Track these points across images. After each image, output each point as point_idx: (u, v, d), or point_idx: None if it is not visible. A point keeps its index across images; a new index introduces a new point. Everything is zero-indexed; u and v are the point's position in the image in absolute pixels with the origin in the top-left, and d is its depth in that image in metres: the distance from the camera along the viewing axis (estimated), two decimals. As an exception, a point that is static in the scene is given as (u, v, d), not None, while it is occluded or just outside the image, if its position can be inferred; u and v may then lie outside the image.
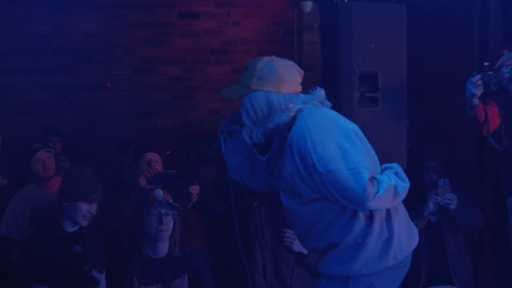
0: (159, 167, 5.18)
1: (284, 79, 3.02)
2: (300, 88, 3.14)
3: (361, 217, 2.96)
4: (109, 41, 7.45)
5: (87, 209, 4.21)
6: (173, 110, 7.53)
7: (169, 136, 7.37)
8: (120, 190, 5.06)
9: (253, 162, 3.34)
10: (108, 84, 7.47)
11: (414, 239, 3.12)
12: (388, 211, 3.00)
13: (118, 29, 7.45)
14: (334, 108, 4.80)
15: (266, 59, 3.10)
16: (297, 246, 4.48)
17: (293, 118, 3.01)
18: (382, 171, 3.07)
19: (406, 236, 3.06)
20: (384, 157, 4.70)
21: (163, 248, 3.89)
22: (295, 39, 6.95)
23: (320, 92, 3.17)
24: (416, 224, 5.28)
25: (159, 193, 3.92)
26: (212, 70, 7.51)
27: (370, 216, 2.96)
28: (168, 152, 6.85)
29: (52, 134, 6.52)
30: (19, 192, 5.32)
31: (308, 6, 6.76)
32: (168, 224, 3.85)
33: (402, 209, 3.11)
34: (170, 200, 3.91)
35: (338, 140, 2.90)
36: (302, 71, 3.15)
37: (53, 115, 7.36)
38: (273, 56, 3.13)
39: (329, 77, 5.08)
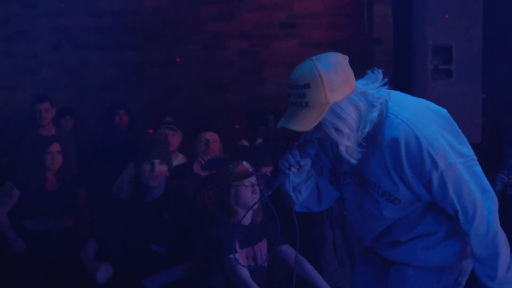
0: (217, 147, 5.19)
1: (350, 76, 2.59)
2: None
3: None
4: (178, 17, 7.50)
5: (148, 169, 4.33)
6: (242, 85, 7.54)
7: (238, 111, 7.40)
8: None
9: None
10: (178, 60, 7.53)
11: None
12: None
13: (187, 5, 7.48)
14: (407, 81, 4.78)
15: (315, 63, 2.57)
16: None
17: (380, 113, 2.62)
18: None
19: None
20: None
21: (249, 215, 4.04)
22: (365, 11, 6.85)
23: (379, 72, 2.69)
24: None
25: (247, 164, 4.07)
26: (281, 44, 7.48)
27: None
28: (237, 126, 6.89)
29: (119, 107, 6.62)
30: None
31: (378, -22, 6.65)
32: (258, 193, 3.97)
33: None
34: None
35: (443, 131, 2.60)
36: (346, 56, 2.66)
37: (124, 91, 7.47)
38: (313, 57, 2.62)
39: (401, 50, 5.01)
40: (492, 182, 5.04)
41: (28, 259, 5.23)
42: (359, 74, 2.68)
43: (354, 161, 2.62)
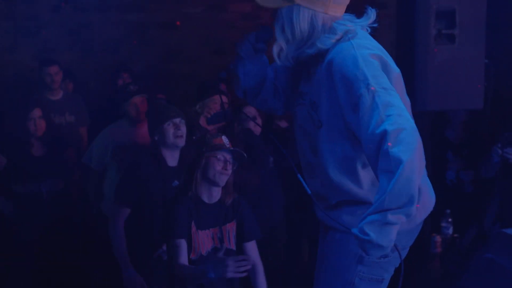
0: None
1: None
2: (342, 9, 2.63)
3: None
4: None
5: (173, 129, 4.34)
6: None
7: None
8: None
9: (273, 85, 2.92)
10: (178, 23, 7.47)
11: (433, 197, 2.74)
12: None
13: (189, -34, 7.42)
14: (410, 46, 4.73)
15: None
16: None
17: (337, 42, 2.54)
18: None
19: (426, 196, 2.66)
20: (460, 96, 4.62)
21: (217, 193, 3.91)
22: (369, -25, 6.77)
23: (373, 14, 2.65)
24: (485, 171, 5.24)
25: (226, 140, 3.94)
26: (283, 6, 7.40)
27: None
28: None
29: (123, 70, 6.59)
30: (110, 125, 5.44)
31: None
32: (230, 171, 3.88)
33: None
34: (235, 149, 3.93)
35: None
36: None
37: (126, 52, 7.44)
38: None
39: (404, 14, 4.95)
40: (488, 155, 5.07)
41: (20, 223, 5.25)
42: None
43: (279, 63, 2.61)
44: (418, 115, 4.67)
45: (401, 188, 2.31)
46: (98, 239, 4.87)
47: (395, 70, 2.55)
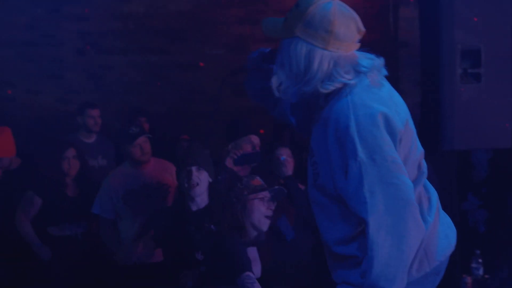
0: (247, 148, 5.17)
1: (337, 35, 2.39)
2: (354, 47, 2.47)
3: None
4: (202, 20, 7.48)
5: (186, 178, 4.30)
6: (266, 88, 7.49)
7: (263, 115, 7.35)
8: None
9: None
10: (201, 64, 7.51)
11: (448, 246, 2.59)
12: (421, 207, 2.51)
13: (211, 8, 7.47)
14: (435, 85, 4.72)
15: (323, 2, 2.42)
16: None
17: (338, 90, 2.43)
18: None
19: (437, 244, 2.54)
20: (487, 135, 4.59)
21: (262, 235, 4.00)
22: (391, 14, 6.79)
23: (380, 61, 2.49)
24: None
25: (261, 180, 3.97)
26: (306, 47, 7.42)
27: None
28: (262, 131, 6.85)
29: (140, 115, 6.60)
30: (113, 171, 5.43)
31: (404, -20, 6.59)
32: (272, 212, 3.93)
33: (433, 204, 2.57)
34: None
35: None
36: (363, 29, 2.47)
37: (148, 94, 7.47)
38: (334, 1, 2.45)
39: (428, 54, 4.95)
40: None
41: (56, 266, 5.23)
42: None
43: (277, 95, 2.47)
44: (444, 155, 4.66)
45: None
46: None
47: (399, 125, 2.40)
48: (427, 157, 2.60)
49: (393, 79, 2.64)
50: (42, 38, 7.63)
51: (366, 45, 2.65)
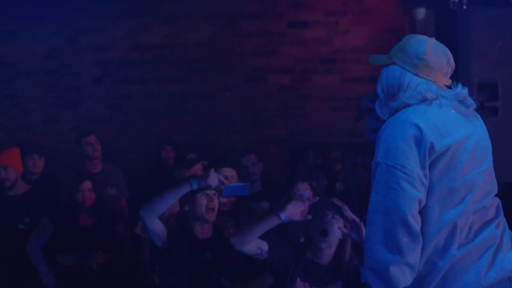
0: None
1: (427, 63, 2.78)
2: (446, 81, 2.86)
3: None
4: (220, 51, 7.53)
5: (205, 202, 4.28)
6: (283, 119, 7.51)
7: (279, 145, 7.36)
8: None
9: None
10: (228, 94, 7.53)
11: (476, 280, 2.68)
12: (439, 239, 2.68)
13: (228, 39, 7.52)
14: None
15: (421, 37, 2.86)
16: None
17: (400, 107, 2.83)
18: None
19: (462, 275, 2.67)
20: (505, 170, 4.53)
21: (327, 254, 3.99)
22: (408, 47, 6.78)
23: (461, 90, 2.85)
24: None
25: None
26: (322, 79, 7.45)
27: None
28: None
29: (167, 143, 6.62)
30: None
31: (421, 13, 6.59)
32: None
33: (475, 235, 2.72)
34: None
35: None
36: (453, 63, 2.87)
37: (166, 124, 7.50)
38: (433, 38, 2.89)
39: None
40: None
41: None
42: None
43: (382, 117, 2.85)
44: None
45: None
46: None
47: (436, 144, 2.66)
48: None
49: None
50: (60, 67, 7.70)
51: None
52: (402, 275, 2.62)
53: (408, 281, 2.64)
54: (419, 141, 2.65)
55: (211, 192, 4.31)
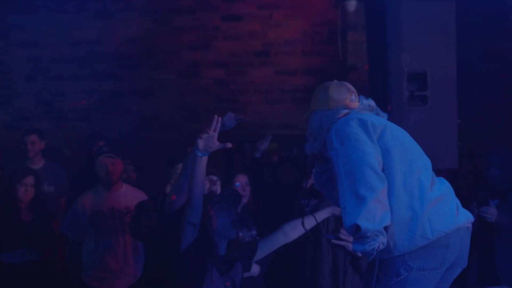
0: None
1: (332, 96, 3.39)
2: (353, 104, 3.41)
3: None
4: (153, 46, 7.49)
5: (208, 186, 4.25)
6: (218, 113, 7.48)
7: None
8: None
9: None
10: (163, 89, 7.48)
11: (452, 221, 3.19)
12: (412, 191, 3.15)
13: (162, 34, 7.49)
14: (383, 107, 4.80)
15: (326, 83, 3.47)
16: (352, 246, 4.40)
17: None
18: None
19: (440, 216, 3.14)
20: (435, 156, 4.66)
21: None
22: (339, 39, 6.90)
23: (367, 102, 3.45)
24: None
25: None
26: (256, 72, 7.49)
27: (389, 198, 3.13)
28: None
29: (99, 139, 6.56)
30: (84, 193, 5.40)
31: (352, 5, 6.71)
32: None
33: (437, 188, 3.23)
34: None
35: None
36: (352, 89, 3.47)
37: (100, 120, 7.43)
38: (335, 81, 3.49)
39: (376, 77, 5.04)
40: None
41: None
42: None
43: (309, 155, 3.51)
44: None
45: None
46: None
47: (376, 124, 3.24)
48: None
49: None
50: (-10, 64, 7.55)
51: (317, 69, 2.99)
52: (378, 208, 3.03)
53: (385, 219, 3.05)
54: (363, 122, 3.20)
55: (214, 178, 4.33)
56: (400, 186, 3.14)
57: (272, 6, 7.44)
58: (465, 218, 3.27)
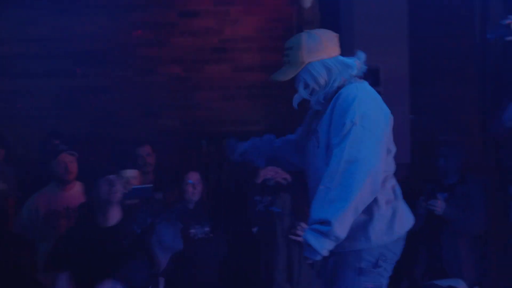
0: (136, 183, 5.19)
1: (328, 44, 3.24)
2: (338, 50, 3.31)
3: None
4: (110, 42, 7.43)
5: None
6: (174, 109, 7.50)
7: (171, 136, 7.35)
8: None
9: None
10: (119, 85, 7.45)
11: (410, 218, 3.36)
12: (394, 191, 3.27)
13: (118, 31, 7.43)
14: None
15: (303, 33, 3.29)
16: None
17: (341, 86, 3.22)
18: None
19: (405, 214, 3.31)
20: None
21: None
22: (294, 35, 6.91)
23: (363, 55, 3.36)
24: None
25: None
26: (212, 68, 7.49)
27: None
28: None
29: (55, 137, 6.51)
30: (39, 191, 5.34)
31: (307, 2, 6.72)
32: None
33: (399, 190, 3.35)
34: None
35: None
36: (337, 34, 3.34)
37: (56, 118, 7.35)
38: (307, 30, 3.33)
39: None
40: (414, 207, 5.16)
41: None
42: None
43: (315, 107, 3.24)
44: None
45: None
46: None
47: (387, 112, 3.22)
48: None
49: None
50: None
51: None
52: (351, 217, 2.99)
53: (346, 231, 2.99)
54: (391, 119, 3.21)
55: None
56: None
57: (228, 2, 7.44)
58: (411, 221, 3.41)
